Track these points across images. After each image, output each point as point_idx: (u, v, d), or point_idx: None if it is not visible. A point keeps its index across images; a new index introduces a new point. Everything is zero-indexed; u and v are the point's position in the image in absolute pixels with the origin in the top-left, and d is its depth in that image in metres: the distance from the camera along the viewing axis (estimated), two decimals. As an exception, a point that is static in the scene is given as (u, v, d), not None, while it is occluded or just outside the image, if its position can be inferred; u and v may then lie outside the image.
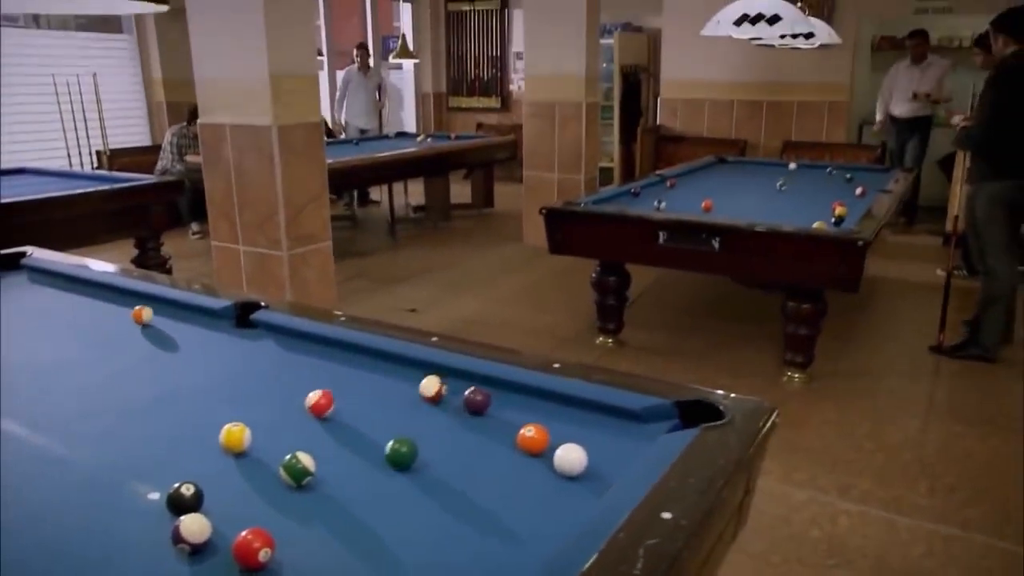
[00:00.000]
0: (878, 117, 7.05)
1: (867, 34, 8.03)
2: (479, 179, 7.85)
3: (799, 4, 4.95)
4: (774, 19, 3.51)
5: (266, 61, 3.33)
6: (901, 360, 3.93)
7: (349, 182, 6.49)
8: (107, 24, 7.50)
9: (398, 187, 7.73)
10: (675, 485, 1.14)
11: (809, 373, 3.61)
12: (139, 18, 7.41)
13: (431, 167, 6.97)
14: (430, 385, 1.48)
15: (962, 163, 4.25)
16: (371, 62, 8.59)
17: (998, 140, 3.68)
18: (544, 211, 3.74)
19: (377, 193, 8.09)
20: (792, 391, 3.53)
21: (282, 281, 3.58)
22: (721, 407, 1.39)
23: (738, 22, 3.55)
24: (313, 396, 1.44)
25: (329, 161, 5.57)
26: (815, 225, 3.36)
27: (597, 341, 4.05)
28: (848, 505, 2.59)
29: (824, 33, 4.88)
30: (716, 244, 3.38)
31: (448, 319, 4.45)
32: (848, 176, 4.96)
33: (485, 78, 10.51)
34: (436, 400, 1.48)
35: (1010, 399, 3.46)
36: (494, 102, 10.52)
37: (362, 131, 8.14)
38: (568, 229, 3.73)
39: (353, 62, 8.22)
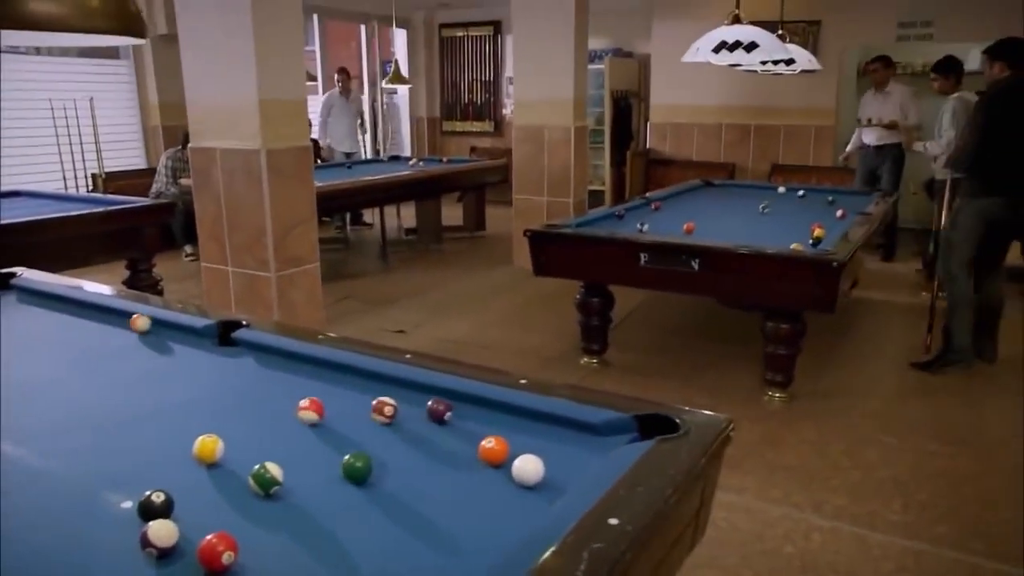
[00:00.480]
0: (848, 147, 6.98)
1: (853, 60, 8.17)
2: (471, 202, 7.93)
3: (779, 31, 5.09)
4: (751, 46, 3.60)
5: (255, 86, 3.42)
6: (881, 380, 3.98)
7: (342, 205, 6.57)
8: (105, 50, 7.62)
9: (391, 210, 7.83)
10: (624, 493, 1.19)
11: (790, 392, 3.66)
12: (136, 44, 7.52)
13: (423, 190, 7.06)
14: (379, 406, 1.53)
15: (947, 188, 4.33)
16: (354, 86, 8.71)
17: (989, 159, 3.81)
18: (528, 233, 3.81)
19: (370, 216, 8.18)
20: (772, 410, 3.58)
21: (270, 302, 3.64)
22: (677, 420, 1.44)
23: (716, 49, 3.65)
24: (306, 403, 1.53)
25: (322, 184, 5.71)
26: (792, 246, 3.43)
27: (582, 361, 4.11)
28: (822, 521, 2.64)
29: (804, 59, 4.99)
30: (695, 265, 3.45)
31: (435, 340, 4.50)
32: (830, 199, 5.05)
33: (478, 102, 10.66)
34: (388, 421, 1.52)
35: (985, 419, 3.52)
36: (487, 126, 10.66)
37: (347, 155, 8.22)
38: (551, 251, 3.80)
39: (335, 86, 8.31)
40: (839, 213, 4.47)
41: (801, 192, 5.48)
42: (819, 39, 7.57)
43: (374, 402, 1.53)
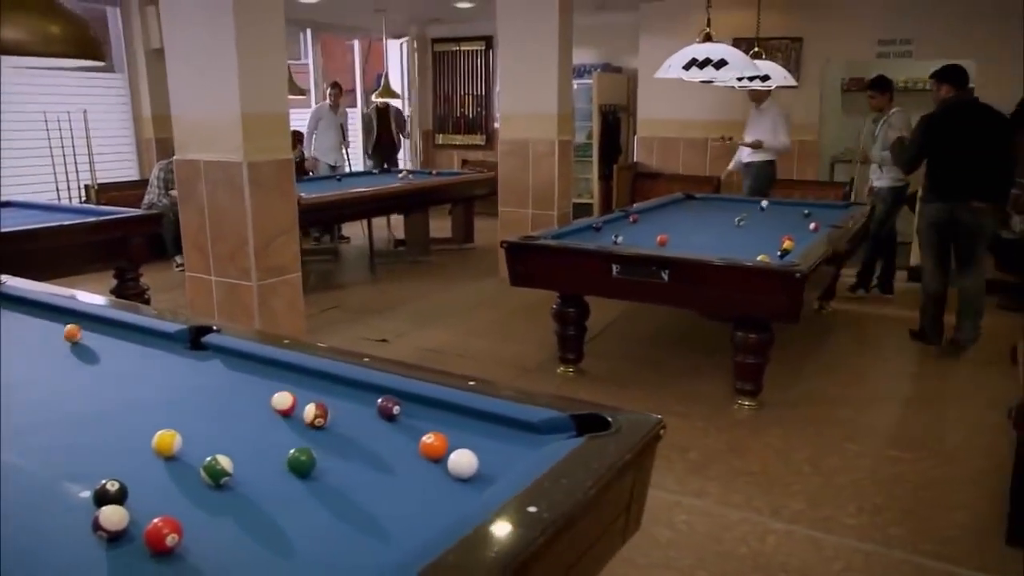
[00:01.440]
0: (730, 165, 7.04)
1: (835, 76, 8.31)
2: (459, 214, 8.04)
3: (755, 48, 5.21)
4: (720, 63, 3.71)
5: (238, 100, 3.52)
6: (849, 389, 4.07)
7: (331, 216, 6.67)
8: (100, 64, 7.73)
9: (381, 222, 7.94)
10: (548, 485, 1.28)
11: (759, 401, 3.75)
12: (131, 57, 7.65)
13: (411, 203, 7.17)
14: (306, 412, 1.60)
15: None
16: (344, 101, 8.84)
17: (933, 169, 4.46)
18: (504, 244, 3.91)
19: (349, 229, 8.27)
20: (740, 418, 3.66)
21: (251, 310, 3.73)
22: (609, 419, 1.52)
23: (687, 66, 3.76)
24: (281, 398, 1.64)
25: (312, 195, 5.82)
26: (759, 258, 3.53)
27: (558, 371, 4.19)
28: (778, 524, 2.72)
29: (780, 76, 5.10)
30: (665, 276, 3.54)
31: (416, 349, 4.59)
32: (806, 212, 5.15)
33: (470, 116, 10.79)
34: (315, 425, 1.59)
35: (947, 427, 3.61)
36: (479, 139, 10.78)
37: (332, 167, 8.30)
38: (527, 262, 3.90)
39: (326, 99, 8.39)
40: (812, 226, 4.57)
41: (764, 204, 5.60)
42: (801, 55, 7.71)
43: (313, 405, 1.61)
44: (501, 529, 1.14)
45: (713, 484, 3.01)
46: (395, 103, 8.97)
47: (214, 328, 2.15)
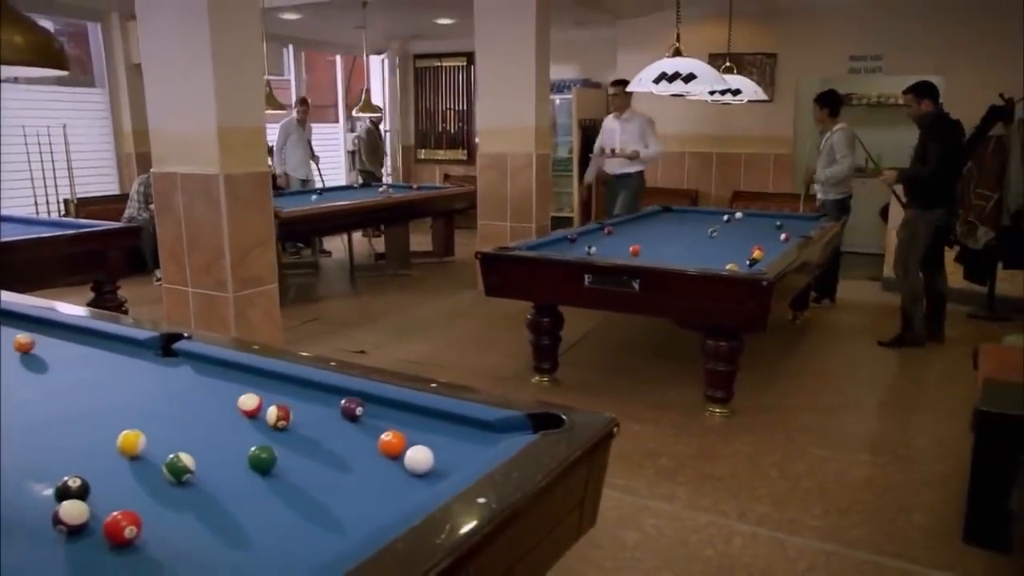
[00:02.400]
0: (586, 178, 7.18)
1: (810, 91, 8.44)
2: (439, 228, 8.10)
3: (726, 63, 5.32)
4: (689, 77, 3.80)
5: (215, 114, 3.57)
6: (818, 397, 4.14)
7: (311, 230, 6.71)
8: (81, 79, 7.78)
9: (362, 235, 7.98)
10: (499, 478, 1.32)
11: (730, 408, 3.81)
12: (112, 72, 7.69)
13: (391, 216, 7.22)
14: (269, 415, 1.64)
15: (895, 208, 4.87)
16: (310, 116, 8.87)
17: (938, 176, 4.64)
18: (479, 255, 3.96)
19: (330, 243, 8.31)
20: (711, 425, 3.72)
21: (228, 321, 3.76)
22: (563, 417, 1.57)
23: (657, 80, 3.85)
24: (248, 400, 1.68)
25: (292, 209, 5.86)
26: (728, 267, 3.60)
27: (533, 380, 4.24)
28: (744, 527, 2.77)
29: (751, 90, 5.21)
30: (636, 285, 3.61)
31: (394, 360, 4.62)
32: (778, 223, 5.24)
33: (452, 131, 10.88)
34: (277, 428, 1.63)
35: (912, 432, 3.68)
36: (461, 154, 10.87)
37: (303, 182, 8.31)
38: (501, 272, 3.95)
39: (294, 115, 8.40)
40: (783, 236, 4.66)
41: (739, 215, 5.74)
42: (775, 71, 7.86)
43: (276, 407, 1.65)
44: (451, 518, 1.18)
45: (682, 489, 3.06)
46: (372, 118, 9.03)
47: (185, 335, 2.18)
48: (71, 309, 2.61)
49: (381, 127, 9.50)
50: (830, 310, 6.00)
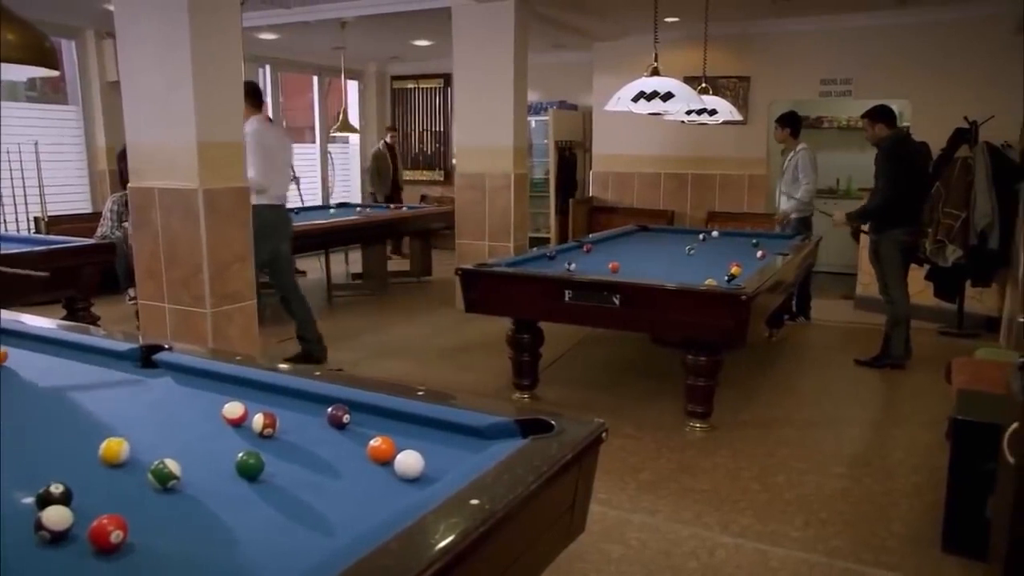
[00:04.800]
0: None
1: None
2: (417, 248, 8.09)
3: (702, 84, 5.42)
4: (667, 96, 3.86)
5: (194, 128, 3.55)
6: (797, 411, 4.18)
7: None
8: (54, 95, 7.70)
9: (339, 256, 7.94)
10: (490, 481, 1.32)
11: (711, 423, 3.83)
12: (85, 88, 7.62)
13: (368, 236, 7.20)
14: (255, 423, 1.62)
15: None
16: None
17: (898, 196, 4.69)
18: (459, 271, 3.97)
19: (306, 264, 8.23)
20: (692, 440, 3.73)
21: (205, 337, 3.71)
22: (552, 423, 1.58)
23: (635, 99, 3.91)
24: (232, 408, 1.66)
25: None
26: (707, 282, 3.64)
27: (513, 397, 4.23)
28: (727, 539, 2.77)
29: (726, 111, 5.30)
30: (616, 301, 3.63)
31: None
32: (754, 241, 5.31)
33: (429, 152, 10.91)
34: (263, 435, 1.61)
35: (889, 445, 3.72)
36: (438, 175, 10.90)
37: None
38: (482, 288, 3.96)
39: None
40: (759, 254, 4.73)
41: (715, 233, 5.84)
42: (749, 93, 8.00)
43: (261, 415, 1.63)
44: (444, 519, 1.17)
45: (664, 502, 3.07)
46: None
47: (165, 346, 2.16)
48: (46, 322, 2.57)
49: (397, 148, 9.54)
50: (806, 328, 6.07)
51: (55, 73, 1.66)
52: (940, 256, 5.66)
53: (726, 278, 3.81)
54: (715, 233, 5.94)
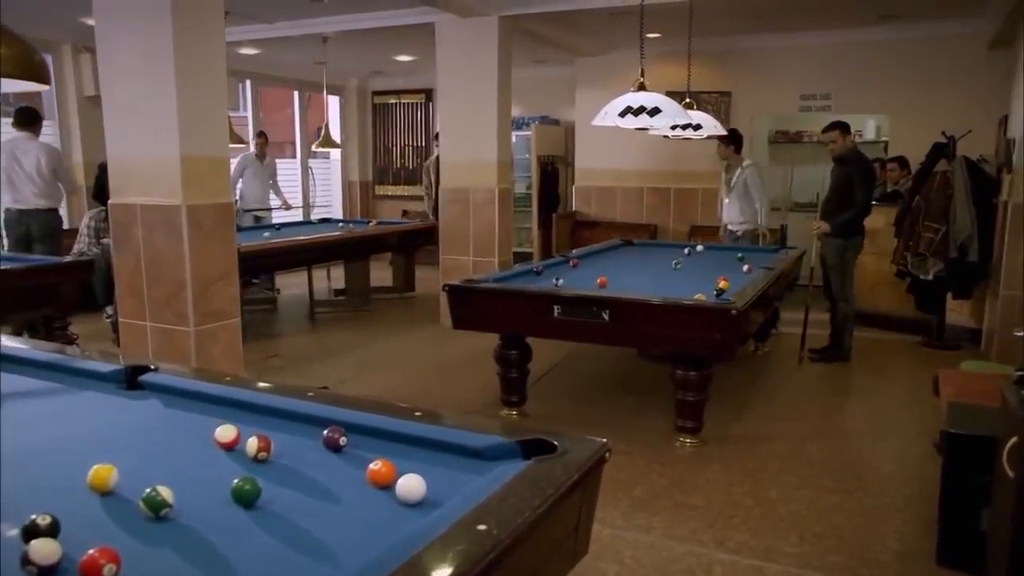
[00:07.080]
0: None
1: (763, 128, 8.71)
2: (400, 263, 8.04)
3: (686, 100, 5.43)
4: (654, 111, 3.87)
5: (177, 143, 3.49)
6: (787, 425, 4.18)
7: (269, 264, 6.59)
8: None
9: (321, 272, 7.87)
10: (496, 504, 1.28)
11: (701, 438, 3.81)
12: (62, 104, 7.52)
13: (350, 251, 7.14)
14: (249, 447, 1.57)
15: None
16: (270, 150, 8.76)
17: (864, 207, 5.21)
18: (446, 287, 3.93)
19: (287, 280, 8.16)
20: (683, 455, 3.71)
21: (188, 356, 3.64)
22: (555, 443, 1.54)
23: (622, 113, 3.90)
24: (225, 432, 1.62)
25: (250, 244, 5.75)
26: (696, 296, 3.63)
27: (502, 413, 4.19)
28: (723, 555, 2.75)
29: (711, 126, 5.33)
30: (606, 316, 3.61)
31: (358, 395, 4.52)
32: (739, 255, 5.32)
33: (410, 167, 10.87)
34: (258, 459, 1.56)
35: (879, 459, 3.73)
36: (419, 190, 10.83)
37: (256, 217, 8.12)
38: (470, 304, 3.92)
39: (250, 149, 8.28)
40: (745, 268, 4.74)
41: (700, 247, 5.90)
42: (730, 108, 8.07)
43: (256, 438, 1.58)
44: (452, 547, 1.13)
45: (658, 519, 3.04)
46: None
47: (152, 367, 2.10)
48: (24, 342, 2.50)
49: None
50: (789, 338, 6.07)
51: (46, 87, 1.61)
52: (921, 269, 5.71)
53: (715, 292, 3.80)
54: (700, 247, 5.96)
